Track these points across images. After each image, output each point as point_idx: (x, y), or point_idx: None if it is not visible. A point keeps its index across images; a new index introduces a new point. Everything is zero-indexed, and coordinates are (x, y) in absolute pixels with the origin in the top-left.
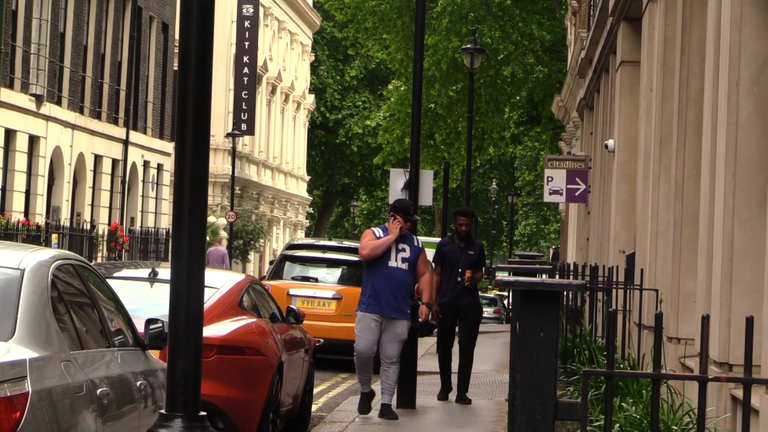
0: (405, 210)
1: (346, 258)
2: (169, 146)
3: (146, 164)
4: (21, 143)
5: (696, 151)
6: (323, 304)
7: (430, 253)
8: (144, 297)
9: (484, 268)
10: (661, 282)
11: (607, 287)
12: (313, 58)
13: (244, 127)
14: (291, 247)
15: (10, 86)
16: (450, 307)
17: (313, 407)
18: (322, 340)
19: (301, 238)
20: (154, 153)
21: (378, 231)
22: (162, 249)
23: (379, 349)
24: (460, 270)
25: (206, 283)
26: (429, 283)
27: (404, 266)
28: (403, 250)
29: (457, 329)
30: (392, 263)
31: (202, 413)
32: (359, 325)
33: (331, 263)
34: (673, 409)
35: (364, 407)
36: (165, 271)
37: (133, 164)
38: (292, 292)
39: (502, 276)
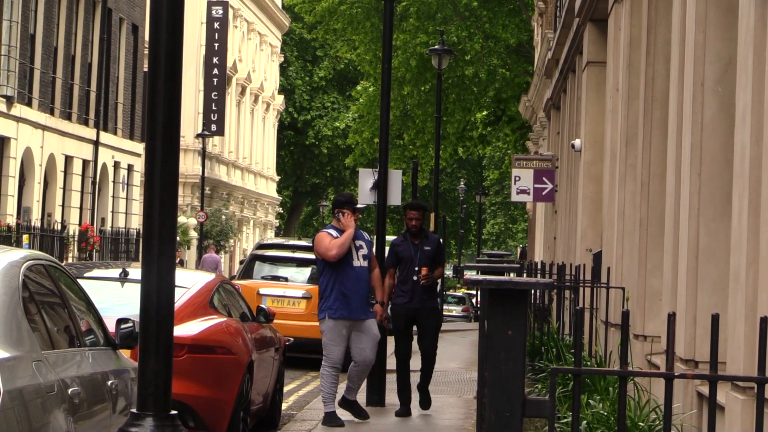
0: (350, 202)
1: (315, 257)
2: (140, 147)
3: (117, 165)
4: None
5: (661, 151)
6: (293, 303)
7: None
8: (115, 297)
9: (445, 265)
10: (627, 280)
11: (575, 285)
12: (282, 59)
13: (213, 127)
14: (261, 246)
15: None
16: (406, 310)
17: (284, 405)
18: (292, 339)
19: (270, 237)
20: (125, 154)
21: (332, 231)
22: (132, 249)
23: (356, 353)
24: (416, 269)
25: (177, 283)
26: (380, 278)
27: (365, 264)
28: (361, 247)
29: (415, 336)
30: (356, 263)
31: (173, 412)
32: (330, 334)
33: (301, 263)
34: (639, 405)
35: (337, 421)
36: (136, 271)
37: (104, 165)
38: (262, 291)
39: (470, 275)
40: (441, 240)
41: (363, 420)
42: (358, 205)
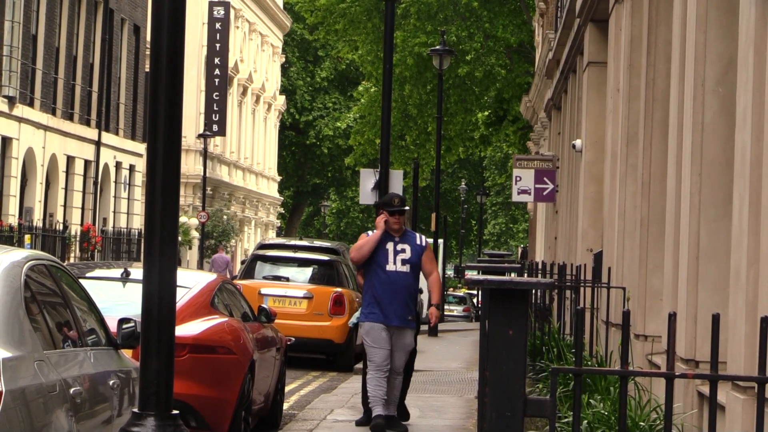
0: (386, 203)
1: (317, 257)
2: (141, 147)
3: (118, 165)
4: None
5: (662, 151)
6: (294, 303)
7: None
8: (116, 297)
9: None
10: (628, 280)
11: (575, 285)
12: (283, 59)
13: (215, 128)
14: (262, 246)
15: None
16: None
17: (285, 405)
18: (293, 339)
19: (272, 237)
20: (126, 154)
21: (371, 232)
22: (134, 249)
23: None
24: None
25: (178, 283)
26: (437, 282)
27: (405, 269)
28: (403, 251)
29: None
30: (390, 267)
31: (175, 412)
32: (370, 337)
33: (302, 263)
34: (640, 405)
35: (378, 427)
36: (137, 271)
37: (106, 165)
38: (263, 291)
39: (471, 275)
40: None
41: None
42: (400, 208)
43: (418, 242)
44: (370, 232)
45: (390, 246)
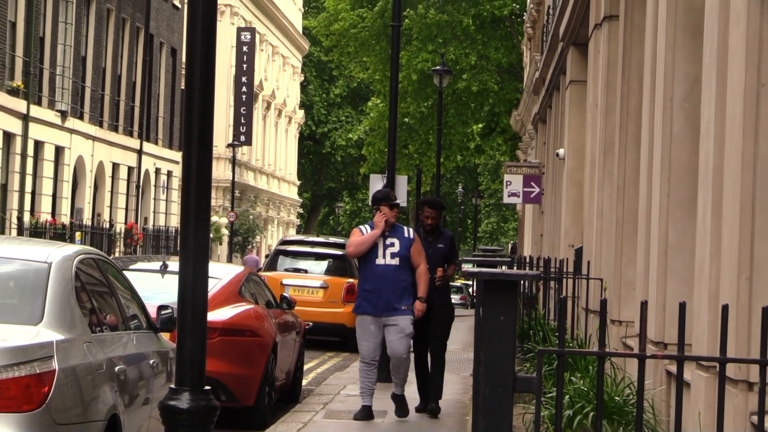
0: (385, 198)
1: (332, 252)
2: (178, 155)
3: (158, 171)
4: (48, 153)
5: (635, 159)
6: (312, 292)
7: None
8: (156, 286)
9: (456, 261)
10: (605, 272)
11: (559, 277)
12: (302, 78)
13: (242, 138)
14: (284, 242)
15: (39, 103)
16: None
17: (304, 382)
18: (311, 324)
19: (292, 234)
20: (165, 161)
21: (365, 228)
22: (171, 245)
23: (387, 347)
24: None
25: (210, 274)
26: (423, 275)
27: (394, 262)
28: (392, 244)
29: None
30: (380, 260)
31: (207, 387)
32: (358, 329)
33: (319, 256)
34: (615, 382)
35: (361, 415)
36: (174, 264)
37: (146, 171)
38: (285, 281)
39: (467, 267)
40: (453, 236)
41: (399, 417)
42: (397, 201)
43: (406, 235)
44: (362, 227)
45: (380, 240)
